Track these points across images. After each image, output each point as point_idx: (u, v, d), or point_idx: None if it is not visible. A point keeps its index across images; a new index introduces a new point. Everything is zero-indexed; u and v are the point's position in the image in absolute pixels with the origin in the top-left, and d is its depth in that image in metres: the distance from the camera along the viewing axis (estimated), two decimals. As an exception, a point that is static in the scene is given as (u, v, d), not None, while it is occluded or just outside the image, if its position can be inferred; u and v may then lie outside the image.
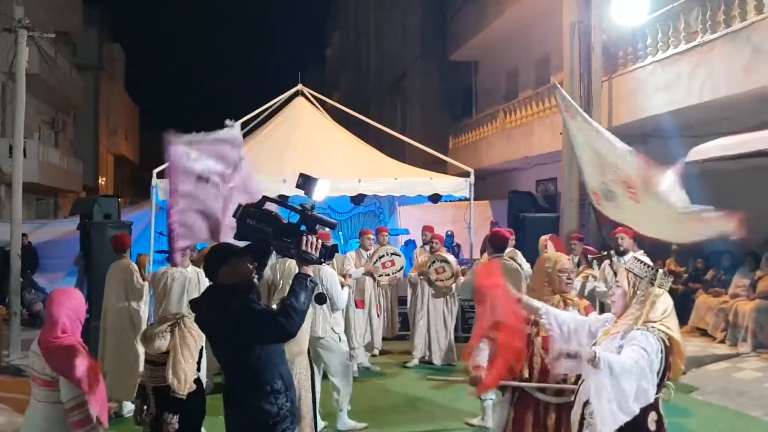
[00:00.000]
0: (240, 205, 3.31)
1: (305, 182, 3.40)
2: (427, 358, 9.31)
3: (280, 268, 6.40)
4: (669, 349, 3.05)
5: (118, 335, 7.02)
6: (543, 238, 8.17)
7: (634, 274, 3.18)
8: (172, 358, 4.11)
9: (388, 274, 9.05)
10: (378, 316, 9.31)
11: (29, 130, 18.93)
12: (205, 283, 7.42)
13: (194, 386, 4.14)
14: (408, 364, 9.28)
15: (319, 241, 3.22)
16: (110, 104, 35.80)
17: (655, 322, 3.07)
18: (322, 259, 3.29)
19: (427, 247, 9.59)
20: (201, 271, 7.61)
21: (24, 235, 11.57)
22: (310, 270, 3.25)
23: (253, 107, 11.32)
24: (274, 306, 3.66)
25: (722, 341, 9.67)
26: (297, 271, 3.28)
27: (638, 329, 3.07)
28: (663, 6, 11.04)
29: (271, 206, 3.45)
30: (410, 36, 25.11)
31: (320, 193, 3.41)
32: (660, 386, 3.08)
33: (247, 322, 3.22)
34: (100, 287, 7.96)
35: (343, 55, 38.75)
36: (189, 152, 3.58)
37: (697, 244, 11.39)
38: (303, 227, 3.28)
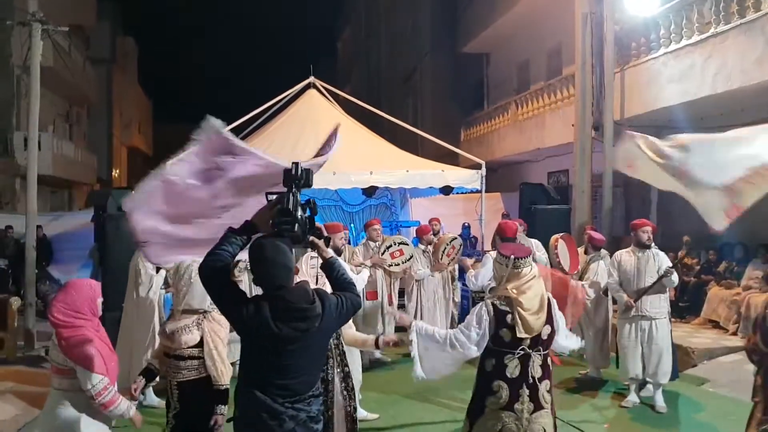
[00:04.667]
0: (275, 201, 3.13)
1: (304, 172, 3.17)
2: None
3: None
4: (506, 309, 3.92)
5: (130, 325, 7.11)
6: (554, 237, 8.01)
7: (498, 263, 4.11)
8: (209, 351, 4.15)
9: (398, 264, 9.00)
10: (390, 305, 9.31)
11: (44, 123, 19.08)
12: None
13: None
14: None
15: None
16: (123, 97, 36.00)
17: (505, 290, 3.98)
18: None
19: (422, 247, 9.50)
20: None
21: (39, 227, 11.68)
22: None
23: (265, 99, 11.38)
24: None
25: (734, 333, 9.64)
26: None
27: (486, 299, 4.08)
28: (676, -3, 10.98)
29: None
30: (421, 29, 25.07)
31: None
32: (497, 337, 3.93)
33: (348, 307, 3.34)
34: (114, 279, 8.04)
35: (355, 50, 38.72)
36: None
37: (710, 235, 11.40)
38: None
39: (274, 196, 3.18)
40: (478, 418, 3.98)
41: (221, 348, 4.22)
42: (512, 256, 4.01)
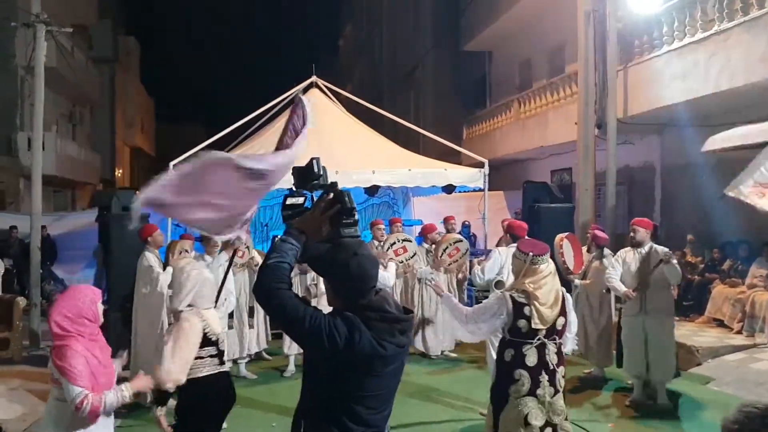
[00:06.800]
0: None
1: (323, 169, 2.89)
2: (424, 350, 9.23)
3: None
4: (524, 302, 4.23)
5: (144, 323, 7.17)
6: (559, 236, 7.99)
7: (516, 258, 4.42)
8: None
9: (401, 261, 8.97)
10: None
11: (47, 124, 19.06)
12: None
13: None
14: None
15: None
16: (126, 97, 36.03)
17: (522, 284, 4.29)
18: None
19: (426, 246, 9.49)
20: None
21: (43, 227, 11.72)
22: None
23: (267, 98, 11.38)
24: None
25: (739, 332, 9.63)
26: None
27: (505, 292, 4.40)
28: (679, -6, 10.95)
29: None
30: (423, 27, 25.04)
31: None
32: (515, 328, 4.26)
33: None
34: (118, 279, 8.08)
35: (357, 47, 38.71)
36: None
37: (714, 234, 11.39)
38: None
39: (300, 199, 2.82)
40: (503, 406, 4.28)
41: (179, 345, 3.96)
42: (530, 253, 4.32)
